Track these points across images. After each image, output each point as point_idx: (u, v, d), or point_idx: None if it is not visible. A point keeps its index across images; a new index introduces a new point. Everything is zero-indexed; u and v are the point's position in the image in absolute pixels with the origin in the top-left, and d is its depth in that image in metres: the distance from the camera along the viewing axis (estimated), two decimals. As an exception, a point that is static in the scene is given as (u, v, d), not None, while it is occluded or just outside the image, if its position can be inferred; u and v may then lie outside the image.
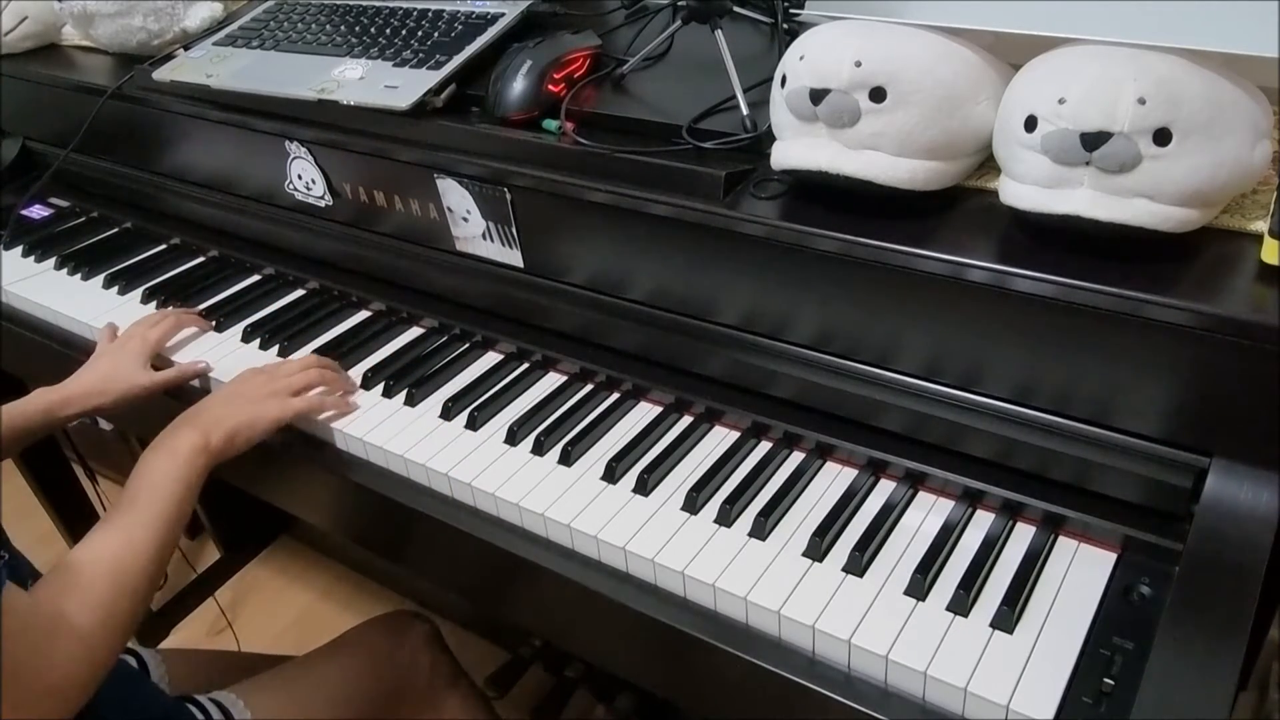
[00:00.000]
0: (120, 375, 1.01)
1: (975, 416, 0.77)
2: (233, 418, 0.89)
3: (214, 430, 0.86)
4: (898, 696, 0.68)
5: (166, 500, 0.80)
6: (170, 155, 1.27)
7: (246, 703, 0.92)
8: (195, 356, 1.08)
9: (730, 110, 0.87)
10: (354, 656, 1.03)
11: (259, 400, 0.92)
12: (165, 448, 0.84)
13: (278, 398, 0.93)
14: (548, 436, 0.89)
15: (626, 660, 0.84)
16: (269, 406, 0.91)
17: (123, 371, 1.02)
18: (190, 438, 0.85)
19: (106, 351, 1.05)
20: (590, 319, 0.96)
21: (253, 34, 1.19)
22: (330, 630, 1.07)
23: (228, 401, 0.91)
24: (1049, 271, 0.68)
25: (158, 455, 0.83)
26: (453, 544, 0.88)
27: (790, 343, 0.84)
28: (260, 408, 0.91)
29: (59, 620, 0.69)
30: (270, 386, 0.93)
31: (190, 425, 0.86)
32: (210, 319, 1.14)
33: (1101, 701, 0.63)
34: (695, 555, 0.77)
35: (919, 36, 0.74)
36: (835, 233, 0.76)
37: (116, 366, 1.02)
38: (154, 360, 1.06)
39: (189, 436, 0.85)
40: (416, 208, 1.04)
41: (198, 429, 0.86)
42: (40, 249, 1.32)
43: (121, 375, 1.01)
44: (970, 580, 0.71)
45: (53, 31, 1.43)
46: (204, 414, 0.89)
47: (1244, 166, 0.66)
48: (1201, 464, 0.69)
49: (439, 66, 1.01)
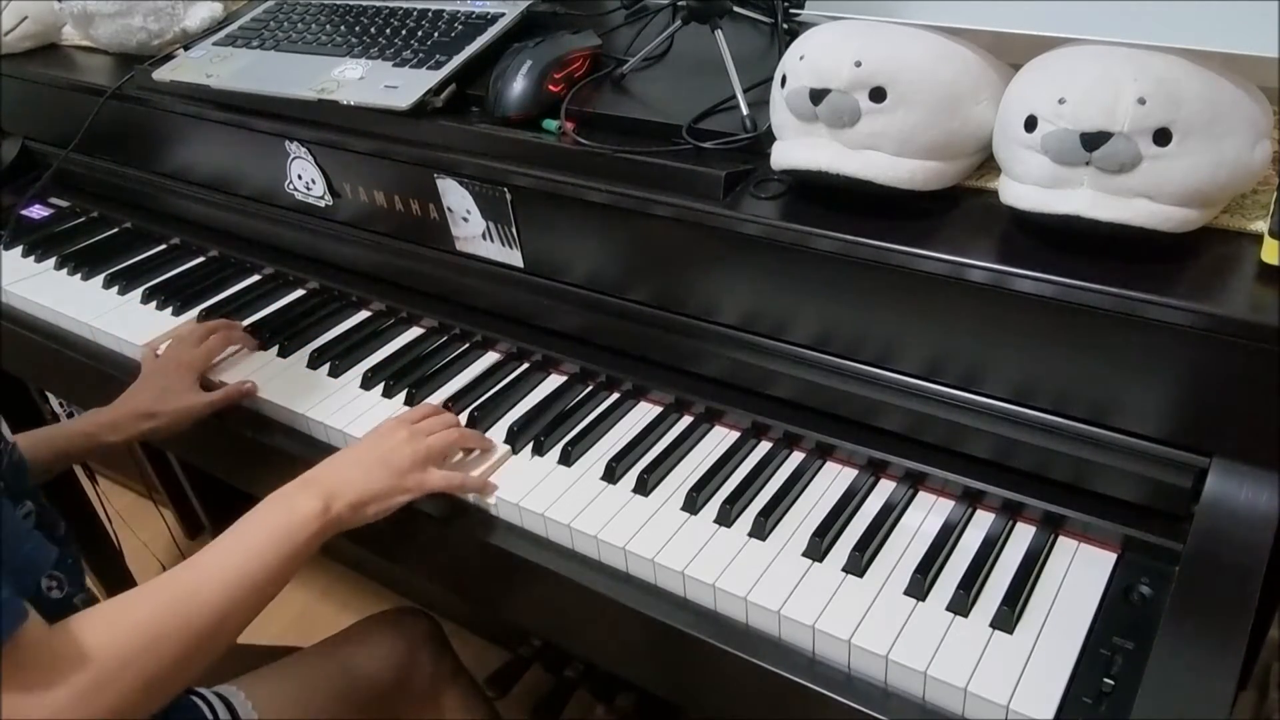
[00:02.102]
0: (173, 397, 0.98)
1: (975, 416, 0.77)
2: (368, 487, 0.79)
3: (338, 498, 0.77)
4: (898, 696, 0.68)
5: (258, 560, 0.71)
6: (170, 155, 1.27)
7: (249, 695, 0.92)
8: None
9: (730, 110, 0.87)
10: (356, 652, 1.03)
11: (402, 472, 0.81)
12: (282, 504, 0.75)
13: (420, 469, 0.82)
14: (547, 436, 0.89)
15: (626, 660, 0.84)
16: (409, 481, 0.81)
17: (174, 393, 0.99)
18: (308, 503, 0.75)
19: (154, 372, 1.02)
20: (590, 319, 0.96)
21: (253, 34, 1.19)
22: (329, 630, 1.07)
23: (366, 467, 0.81)
24: (1049, 271, 0.69)
25: (273, 509, 0.75)
26: (452, 544, 0.88)
27: (790, 343, 0.84)
28: (401, 481, 0.81)
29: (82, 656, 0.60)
30: (414, 453, 0.83)
31: (315, 488, 0.77)
32: (210, 319, 1.14)
33: (1101, 701, 0.63)
34: (695, 555, 0.77)
35: (919, 36, 0.74)
36: (835, 233, 0.76)
37: (168, 388, 0.99)
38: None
39: (307, 501, 0.75)
40: (416, 208, 1.04)
41: (320, 495, 0.76)
42: (40, 249, 1.32)
43: (174, 397, 0.98)
44: (970, 580, 0.71)
45: (53, 31, 1.43)
46: (333, 476, 0.79)
47: (1244, 166, 0.66)
48: (1201, 464, 0.69)
49: (439, 66, 1.01)
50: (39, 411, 1.73)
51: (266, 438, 0.99)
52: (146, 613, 0.65)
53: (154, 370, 1.03)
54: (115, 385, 1.03)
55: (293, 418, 0.99)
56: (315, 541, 0.75)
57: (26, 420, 1.61)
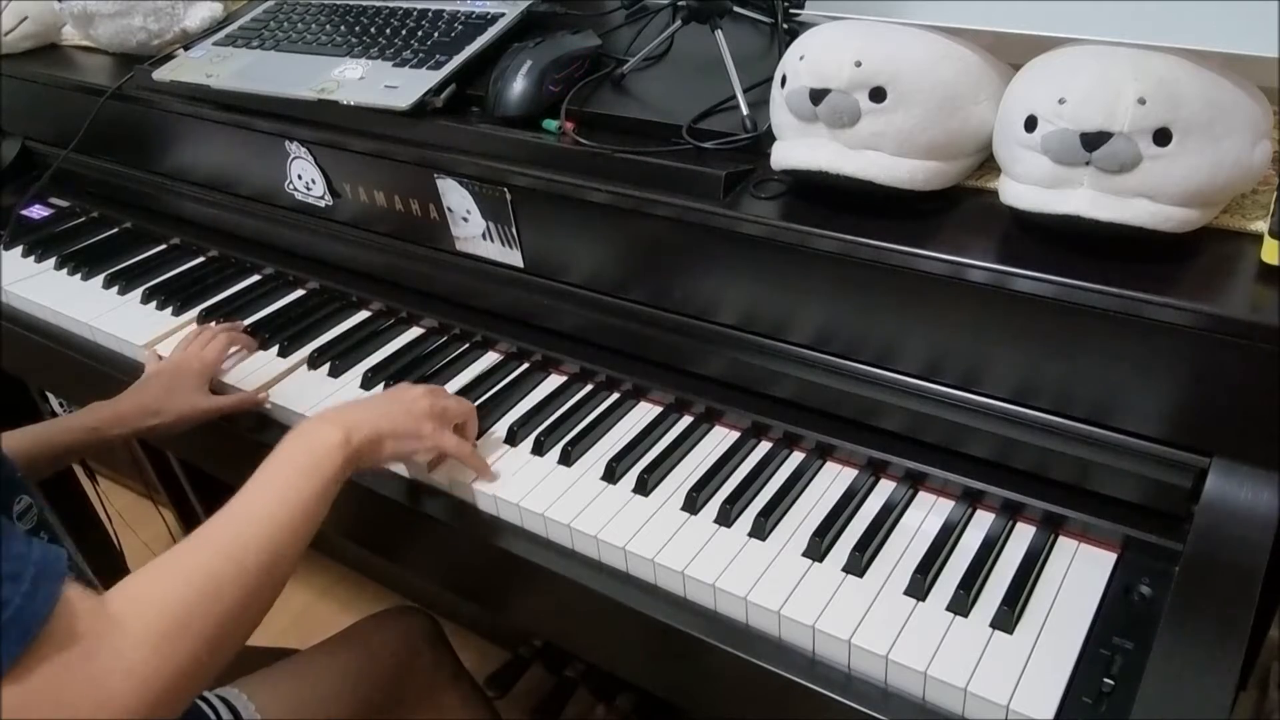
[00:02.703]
0: (179, 396, 0.98)
1: (975, 416, 0.77)
2: (385, 423, 0.79)
3: (357, 430, 0.75)
4: (898, 696, 0.68)
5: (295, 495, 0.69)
6: (170, 155, 1.27)
7: (251, 697, 0.92)
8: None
9: (730, 110, 0.87)
10: (356, 652, 1.03)
11: (419, 418, 0.81)
12: (302, 440, 0.73)
13: (439, 424, 0.83)
14: (548, 436, 0.89)
15: (626, 660, 0.84)
16: (427, 428, 0.81)
17: (183, 391, 0.99)
18: (330, 433, 0.74)
19: (161, 371, 1.02)
20: (590, 319, 0.96)
21: (253, 34, 1.19)
22: (330, 629, 1.07)
23: (382, 406, 0.82)
24: (1049, 271, 0.68)
25: (293, 446, 0.73)
26: (452, 544, 0.88)
27: (790, 343, 0.84)
28: (420, 425, 0.81)
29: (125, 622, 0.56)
30: (435, 406, 0.83)
31: (329, 420, 0.76)
32: (210, 320, 1.14)
33: (1101, 701, 0.63)
34: (695, 555, 0.77)
35: (919, 36, 0.74)
36: (835, 233, 0.76)
37: (175, 387, 0.99)
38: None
39: (329, 432, 0.74)
40: (416, 208, 1.04)
41: (340, 426, 0.75)
42: (40, 249, 1.32)
43: (180, 396, 0.98)
44: (970, 580, 0.71)
45: (53, 31, 1.43)
46: (348, 412, 0.79)
47: (1244, 166, 0.66)
48: (1201, 464, 0.69)
49: (439, 66, 1.01)
50: (39, 411, 1.73)
51: (267, 438, 0.99)
52: (200, 560, 0.63)
53: (161, 369, 1.03)
54: (115, 385, 1.03)
55: (293, 418, 0.99)
56: (342, 474, 0.73)
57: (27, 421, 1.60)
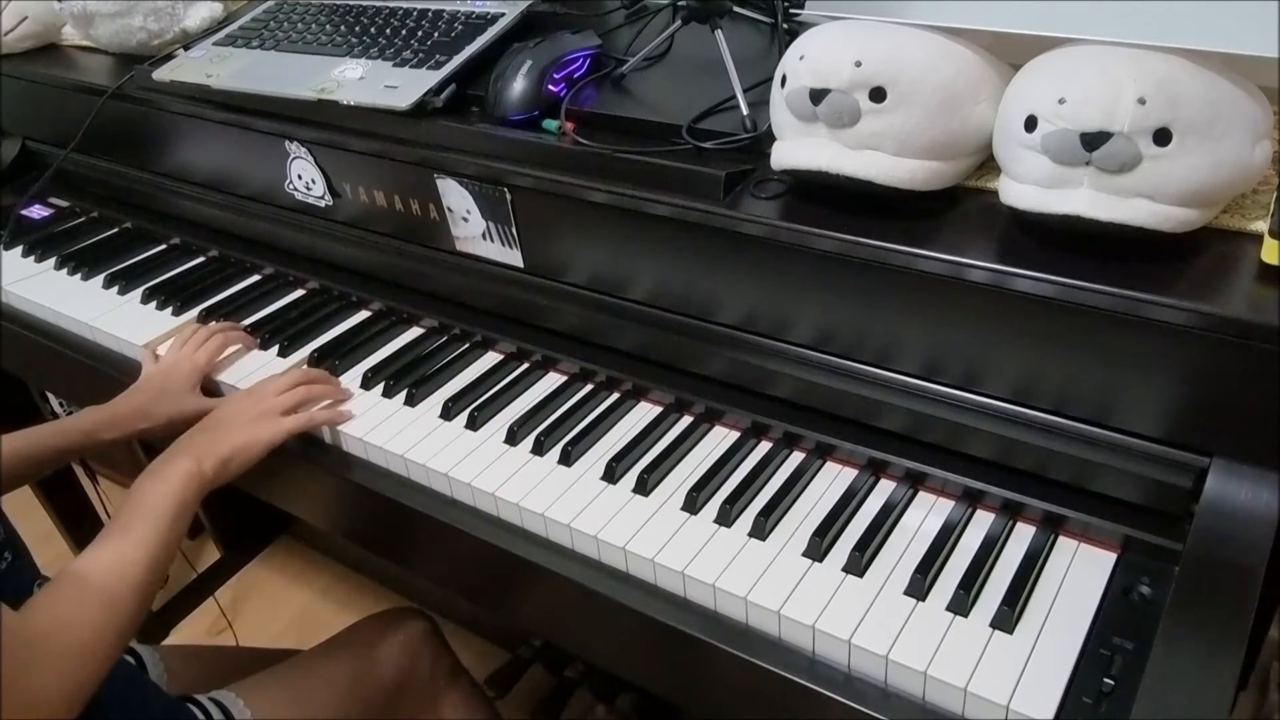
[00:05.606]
0: (169, 399, 1.00)
1: (975, 416, 0.77)
2: (226, 444, 0.88)
3: (206, 457, 0.86)
4: (898, 696, 0.68)
5: (158, 522, 0.79)
6: (170, 155, 1.27)
7: (246, 701, 0.92)
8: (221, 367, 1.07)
9: (730, 110, 0.87)
10: (353, 654, 1.03)
11: (250, 424, 0.91)
12: (159, 475, 0.83)
13: (269, 419, 0.92)
14: (548, 436, 0.89)
15: (626, 660, 0.84)
16: (261, 430, 0.91)
17: (172, 395, 1.00)
18: (183, 465, 0.84)
19: (155, 374, 1.03)
20: (590, 319, 0.96)
21: (253, 34, 1.19)
22: (330, 629, 1.07)
23: (219, 427, 0.91)
24: (1049, 271, 0.68)
25: (152, 480, 0.83)
26: (453, 544, 0.88)
27: (790, 343, 0.84)
28: (253, 432, 0.90)
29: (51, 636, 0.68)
30: (259, 408, 0.93)
31: (184, 454, 0.86)
32: (210, 320, 1.14)
33: (1101, 701, 0.63)
34: (695, 555, 0.77)
35: (919, 36, 0.74)
36: (835, 233, 0.76)
37: (165, 390, 1.00)
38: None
39: (182, 464, 0.84)
40: (416, 208, 1.04)
41: (191, 457, 0.85)
42: (40, 249, 1.32)
43: (171, 399, 1.00)
44: (970, 580, 0.71)
45: (53, 31, 1.43)
46: (196, 442, 0.88)
47: (1244, 166, 0.66)
48: (1201, 464, 0.69)
49: (439, 66, 1.01)
50: (39, 411, 1.73)
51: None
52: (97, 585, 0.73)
53: (154, 372, 1.04)
54: (115, 385, 1.04)
55: (293, 418, 0.99)
56: (196, 499, 0.84)
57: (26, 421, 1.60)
